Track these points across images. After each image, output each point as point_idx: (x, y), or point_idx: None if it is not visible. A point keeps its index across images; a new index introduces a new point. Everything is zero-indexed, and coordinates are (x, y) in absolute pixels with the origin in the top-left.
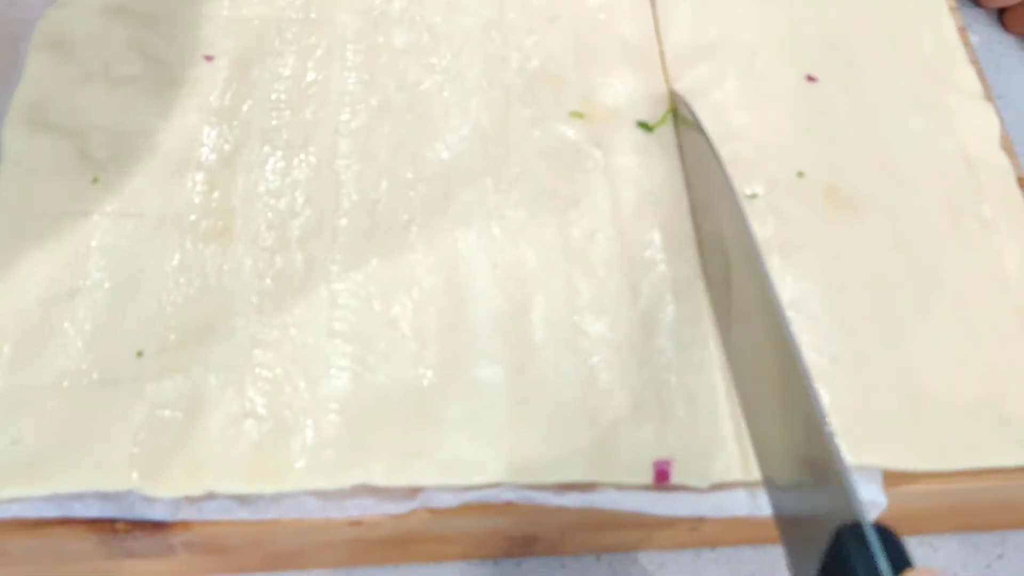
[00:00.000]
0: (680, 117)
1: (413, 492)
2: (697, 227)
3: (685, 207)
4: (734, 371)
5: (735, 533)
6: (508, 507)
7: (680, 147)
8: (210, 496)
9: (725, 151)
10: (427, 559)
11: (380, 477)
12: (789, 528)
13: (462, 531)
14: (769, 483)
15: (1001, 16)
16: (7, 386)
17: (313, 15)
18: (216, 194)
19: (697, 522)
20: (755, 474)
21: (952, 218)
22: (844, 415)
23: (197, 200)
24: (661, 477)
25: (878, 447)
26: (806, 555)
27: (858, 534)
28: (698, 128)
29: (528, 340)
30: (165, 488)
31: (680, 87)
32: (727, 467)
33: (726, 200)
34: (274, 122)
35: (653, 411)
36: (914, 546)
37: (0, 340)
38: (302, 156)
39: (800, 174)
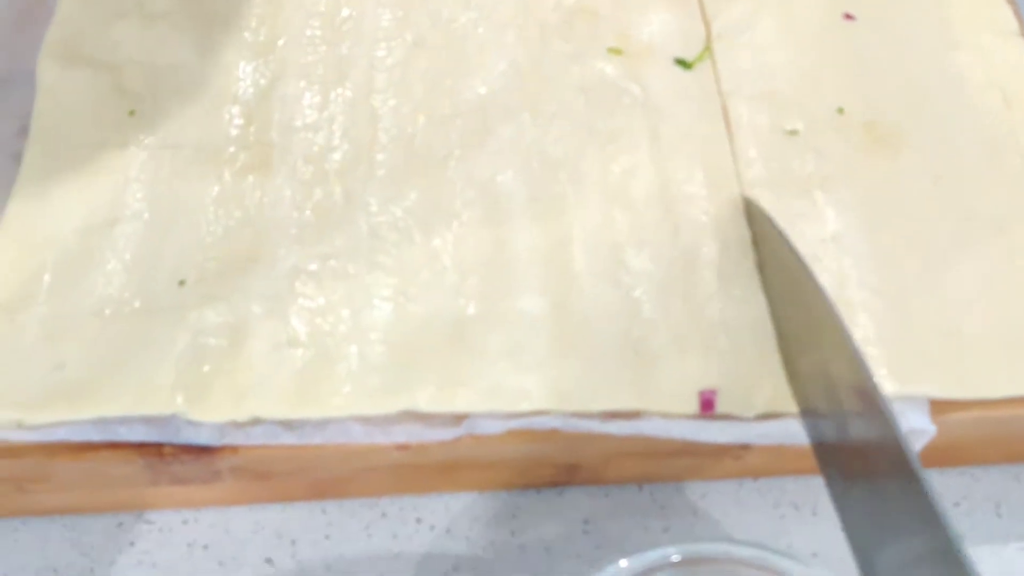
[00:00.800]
0: (758, 228)
1: (458, 419)
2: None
3: (726, 146)
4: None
5: (778, 463)
6: (552, 434)
7: (760, 262)
8: (256, 421)
9: (764, 88)
10: (471, 487)
11: (425, 403)
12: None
13: (507, 457)
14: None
15: None
16: (49, 313)
17: None
18: (253, 128)
19: (741, 451)
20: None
21: (990, 153)
22: (888, 346)
23: (234, 133)
24: (707, 407)
25: (923, 376)
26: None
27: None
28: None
29: (569, 272)
30: (210, 412)
31: (717, 25)
32: (772, 397)
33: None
34: (309, 58)
35: (697, 342)
36: (956, 476)
37: (40, 268)
38: (338, 91)
39: (840, 110)
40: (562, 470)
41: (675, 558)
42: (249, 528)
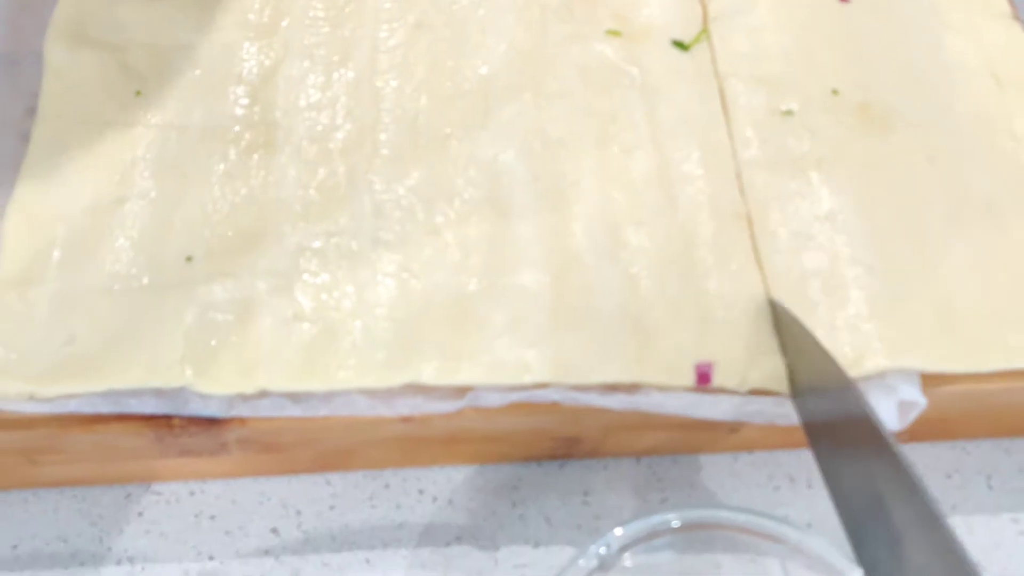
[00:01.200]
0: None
1: (461, 392)
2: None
3: (722, 126)
4: None
5: (773, 437)
6: (553, 407)
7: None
8: (263, 394)
9: (759, 70)
10: (472, 460)
11: (429, 376)
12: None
13: (508, 430)
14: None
15: None
16: (59, 289)
17: None
18: (257, 108)
19: (737, 424)
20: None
21: (983, 134)
22: (881, 321)
23: (239, 113)
24: (703, 379)
25: (914, 350)
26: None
27: None
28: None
29: (570, 249)
30: (218, 385)
31: (714, 7)
32: (767, 374)
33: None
34: (313, 39)
35: (693, 317)
36: (947, 449)
37: (50, 245)
38: (341, 72)
39: (834, 91)
40: (562, 443)
41: (675, 523)
42: (255, 499)
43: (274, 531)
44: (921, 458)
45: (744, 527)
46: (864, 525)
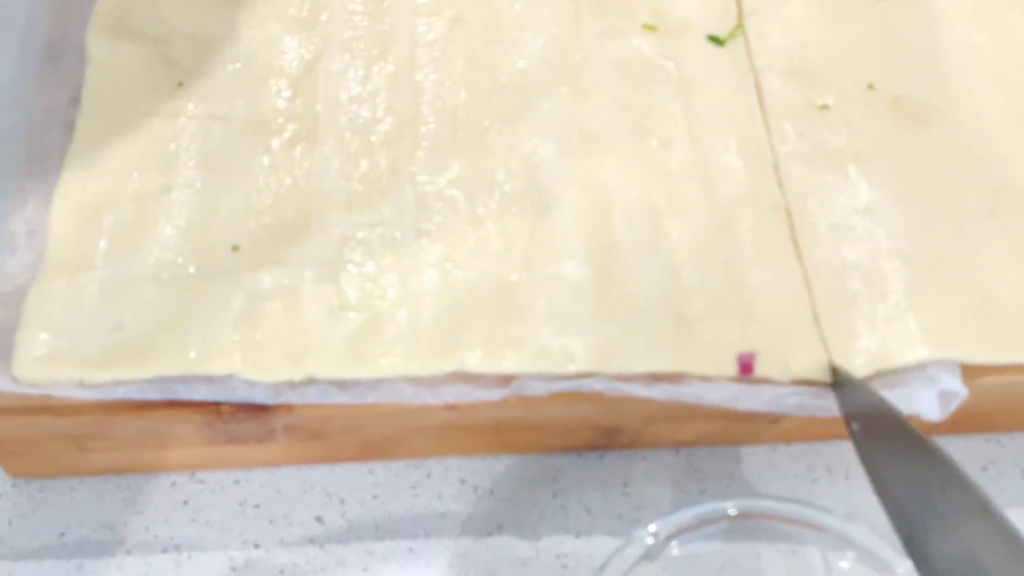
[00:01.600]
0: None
1: (506, 380)
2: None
3: (759, 120)
4: None
5: (812, 429)
6: (596, 397)
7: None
8: (310, 381)
9: (795, 64)
10: (513, 450)
11: (474, 364)
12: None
13: (550, 420)
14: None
15: None
16: (107, 276)
17: None
18: (299, 101)
19: (777, 415)
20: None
21: (1018, 127)
22: (920, 312)
23: (281, 105)
24: (745, 369)
25: (954, 341)
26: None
27: None
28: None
29: (610, 240)
30: (267, 372)
31: (749, 2)
32: (810, 364)
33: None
34: (352, 32)
35: (735, 308)
36: (982, 442)
37: (97, 233)
38: (381, 65)
39: (870, 86)
40: (602, 433)
41: (732, 511)
42: (299, 487)
43: (318, 519)
44: (956, 451)
45: (790, 516)
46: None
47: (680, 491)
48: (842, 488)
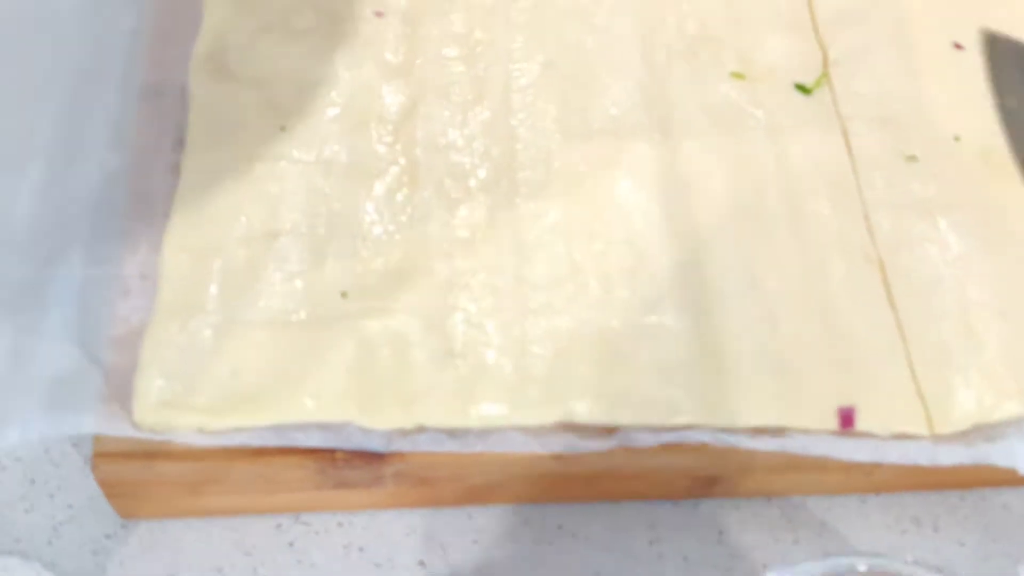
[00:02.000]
0: None
1: (611, 430)
2: None
3: (848, 168)
4: None
5: (906, 479)
6: (698, 447)
7: None
8: (422, 429)
9: (881, 113)
10: (611, 497)
11: (582, 415)
12: None
13: (651, 469)
14: None
15: None
16: (219, 321)
17: None
18: (399, 146)
19: (873, 467)
20: (936, 426)
21: None
22: (1014, 367)
23: (382, 151)
24: (846, 423)
25: None
26: None
27: None
28: None
29: (708, 289)
30: (380, 420)
31: (834, 51)
32: (909, 417)
33: None
34: (447, 78)
35: (833, 359)
36: None
37: (207, 278)
38: (476, 111)
39: (956, 138)
40: (700, 482)
41: (862, 567)
42: (401, 531)
43: (421, 564)
44: None
45: None
46: None
47: (774, 540)
48: (930, 539)
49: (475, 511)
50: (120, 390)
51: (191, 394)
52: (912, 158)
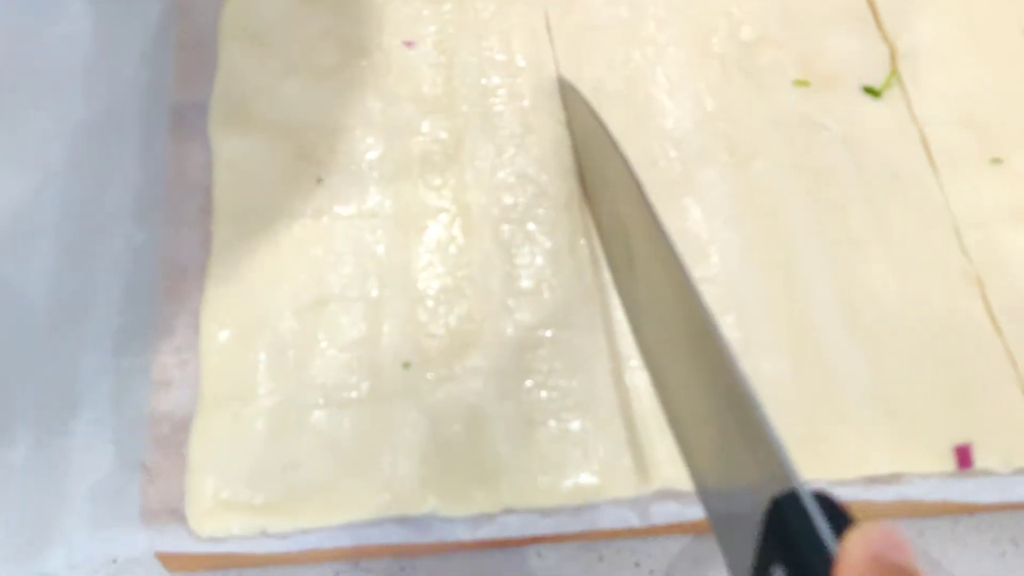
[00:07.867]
0: (567, 98)
1: None
2: (595, 213)
3: (931, 178)
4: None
5: None
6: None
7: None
8: (509, 511)
9: (960, 113)
10: (688, 530)
11: (683, 481)
12: (720, 510)
13: None
14: (696, 468)
15: None
16: (272, 405)
17: None
18: (447, 191)
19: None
20: None
21: None
22: None
23: (429, 197)
24: (964, 463)
25: None
26: (741, 535)
27: (795, 502)
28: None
29: (806, 327)
30: (463, 507)
31: (903, 44)
32: None
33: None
34: (492, 109)
35: (942, 394)
36: None
37: (253, 358)
38: (525, 144)
39: None
40: None
41: None
42: (469, 572)
43: None
44: None
45: None
46: None
47: None
48: None
49: (544, 548)
50: (169, 499)
51: (249, 492)
52: (996, 161)
